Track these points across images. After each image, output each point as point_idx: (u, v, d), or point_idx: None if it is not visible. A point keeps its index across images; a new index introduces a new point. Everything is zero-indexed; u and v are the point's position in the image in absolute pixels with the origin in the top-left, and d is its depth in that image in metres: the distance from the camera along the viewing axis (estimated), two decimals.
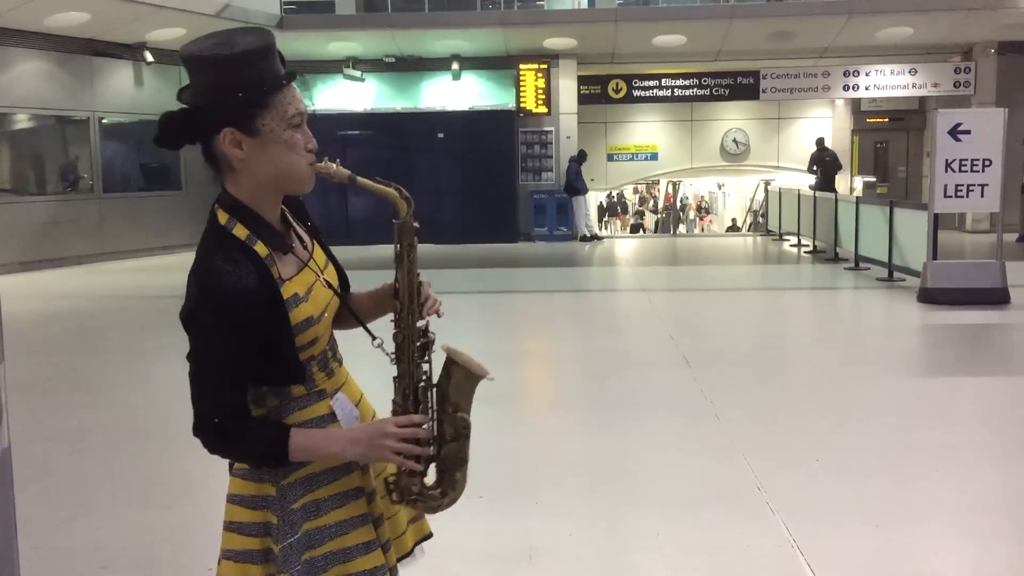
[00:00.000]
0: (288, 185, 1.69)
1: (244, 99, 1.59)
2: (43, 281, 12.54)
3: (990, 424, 5.38)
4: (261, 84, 1.60)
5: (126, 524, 3.98)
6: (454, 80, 17.66)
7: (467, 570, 3.43)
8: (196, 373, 1.63)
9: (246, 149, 1.62)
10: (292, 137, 1.64)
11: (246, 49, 1.59)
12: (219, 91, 1.59)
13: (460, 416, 1.77)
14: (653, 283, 11.99)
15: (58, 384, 6.70)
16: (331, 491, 1.73)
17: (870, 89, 18.21)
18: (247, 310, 1.59)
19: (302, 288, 1.70)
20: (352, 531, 1.73)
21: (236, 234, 1.64)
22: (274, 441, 1.64)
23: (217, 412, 1.61)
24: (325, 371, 1.78)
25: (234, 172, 1.66)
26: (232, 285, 1.58)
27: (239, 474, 1.74)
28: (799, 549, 3.56)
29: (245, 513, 1.71)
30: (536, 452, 5.07)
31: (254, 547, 1.71)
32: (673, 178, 23.78)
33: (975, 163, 9.42)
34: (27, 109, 14.51)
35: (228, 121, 1.60)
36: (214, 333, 1.59)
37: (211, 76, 1.60)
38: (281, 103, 1.62)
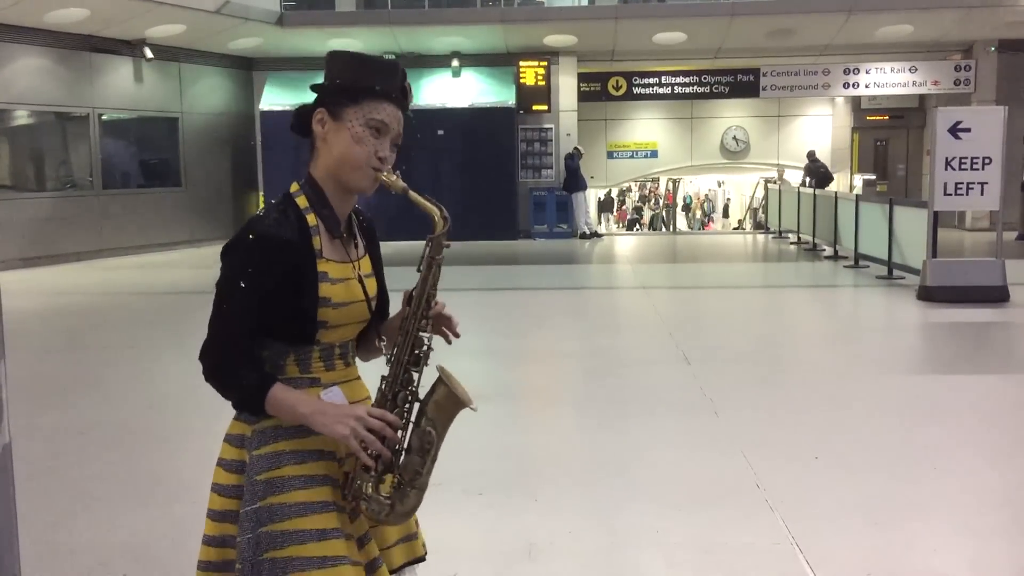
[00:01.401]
0: (346, 173, 1.84)
1: (340, 86, 1.83)
2: (43, 277, 12.54)
3: (989, 422, 5.38)
4: (359, 81, 1.82)
5: (125, 521, 3.98)
6: (454, 77, 17.66)
7: (467, 566, 3.43)
8: (217, 303, 1.77)
9: (327, 129, 1.84)
10: (363, 132, 1.82)
11: (369, 58, 1.87)
12: (329, 79, 1.86)
13: (428, 430, 1.81)
14: (653, 280, 11.99)
15: (57, 380, 6.70)
16: (296, 472, 1.78)
17: (870, 87, 18.22)
18: (281, 257, 1.75)
19: (334, 272, 1.83)
20: (310, 515, 1.76)
21: (298, 202, 1.84)
22: (258, 385, 1.75)
23: (225, 340, 1.75)
24: (325, 362, 1.85)
25: (316, 152, 1.87)
26: (275, 229, 1.76)
27: (227, 439, 1.85)
28: (798, 546, 3.57)
29: (226, 476, 1.83)
30: (535, 449, 5.07)
31: (231, 508, 1.81)
32: (673, 176, 23.78)
33: (975, 161, 9.42)
34: (27, 105, 14.51)
35: (323, 103, 1.84)
36: (243, 270, 1.74)
37: (331, 67, 1.87)
38: (369, 105, 1.82)
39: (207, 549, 1.83)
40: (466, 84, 17.70)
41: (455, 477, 4.14)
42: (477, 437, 4.85)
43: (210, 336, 1.76)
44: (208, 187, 17.06)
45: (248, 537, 1.74)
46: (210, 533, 1.83)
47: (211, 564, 1.82)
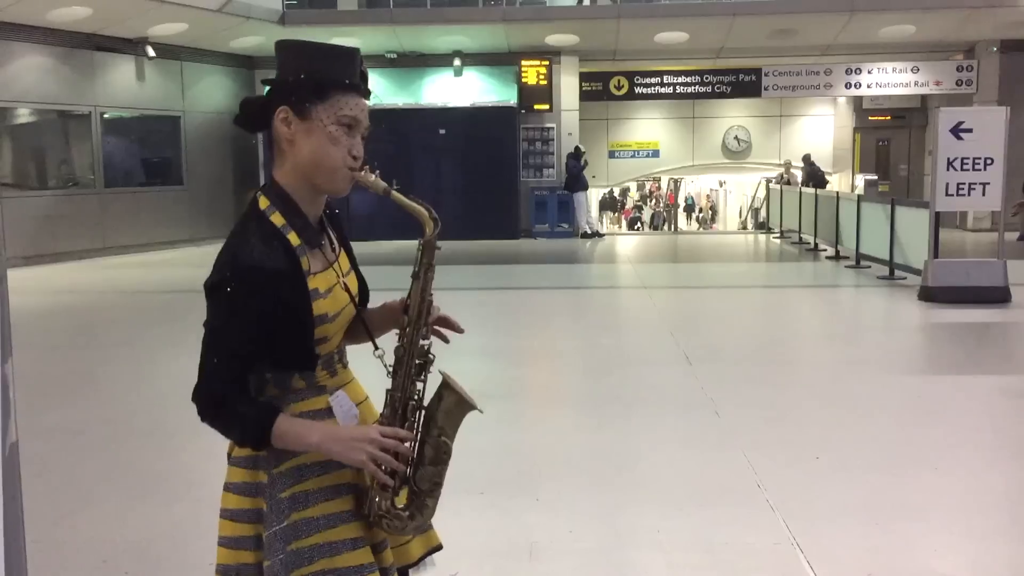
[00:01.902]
0: (322, 177, 1.74)
1: (304, 81, 1.70)
2: (45, 276, 12.55)
3: (990, 423, 5.38)
4: (324, 74, 1.71)
5: (127, 519, 3.98)
6: (456, 76, 17.66)
7: (468, 566, 3.44)
8: (209, 341, 1.69)
9: (293, 129, 1.72)
10: (336, 132, 1.71)
11: (323, 45, 1.74)
12: (288, 72, 1.73)
13: (443, 440, 1.78)
14: (654, 280, 11.99)
15: (59, 379, 6.71)
16: (320, 484, 1.74)
17: (872, 87, 18.20)
18: (272, 288, 1.66)
19: (323, 285, 1.76)
20: (340, 525, 1.73)
21: (273, 220, 1.72)
22: (260, 420, 1.67)
23: (219, 382, 1.66)
24: (328, 370, 1.80)
25: (282, 154, 1.75)
26: (262, 262, 1.65)
27: (235, 462, 1.78)
28: (799, 546, 3.57)
29: (238, 500, 1.76)
30: (536, 448, 5.07)
31: (247, 534, 1.75)
32: (675, 175, 23.78)
33: (977, 161, 9.41)
34: (29, 104, 14.52)
35: (286, 100, 1.72)
36: (235, 305, 1.65)
37: (287, 58, 1.75)
38: (337, 101, 1.71)
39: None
40: (468, 83, 17.70)
41: (456, 476, 4.11)
42: (478, 436, 4.85)
43: (204, 377, 1.67)
44: (210, 186, 17.06)
45: (279, 558, 1.69)
46: (225, 562, 1.77)
47: None
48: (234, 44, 16.71)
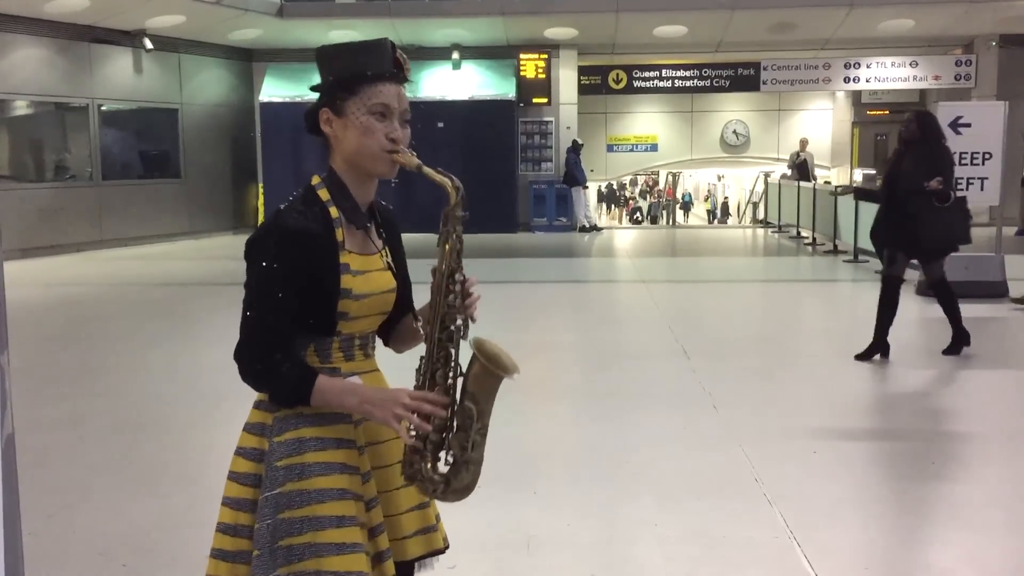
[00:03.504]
0: (364, 164, 1.86)
1: (334, 83, 1.85)
2: (42, 268, 12.53)
3: (988, 416, 5.39)
4: (350, 72, 1.84)
5: (125, 511, 3.98)
6: (454, 69, 17.62)
7: (466, 559, 3.43)
8: (247, 301, 1.79)
9: (334, 128, 1.86)
10: (369, 122, 1.83)
11: (348, 45, 1.88)
12: (324, 76, 1.89)
13: (468, 406, 1.81)
14: (652, 274, 12.00)
15: (56, 372, 6.70)
16: (317, 458, 1.79)
17: (871, 81, 18.19)
18: (304, 249, 1.77)
19: (355, 264, 1.85)
20: (329, 502, 1.77)
21: (319, 194, 1.86)
22: (301, 378, 1.76)
23: (259, 339, 1.76)
24: (345, 352, 1.87)
25: (332, 149, 1.89)
26: (297, 224, 1.78)
27: (247, 428, 1.86)
28: (796, 540, 3.57)
29: (246, 464, 1.84)
30: (535, 442, 5.08)
31: (247, 496, 1.82)
32: (673, 169, 23.78)
33: (975, 156, 9.41)
34: (26, 96, 14.48)
35: (325, 103, 1.87)
36: (272, 262, 1.76)
37: (321, 64, 1.89)
38: (366, 92, 1.83)
39: (221, 537, 1.83)
40: (466, 76, 17.66)
41: None
42: None
43: (246, 335, 1.77)
44: (207, 179, 17.03)
45: (267, 523, 1.75)
46: (225, 521, 1.83)
47: (225, 553, 1.82)
48: (232, 37, 16.67)
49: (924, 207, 6.30)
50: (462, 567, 3.36)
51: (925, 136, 6.49)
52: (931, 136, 6.52)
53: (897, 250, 6.58)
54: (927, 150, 6.45)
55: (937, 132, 6.60)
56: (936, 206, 6.30)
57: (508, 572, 3.43)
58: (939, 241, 6.52)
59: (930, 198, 6.28)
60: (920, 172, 6.35)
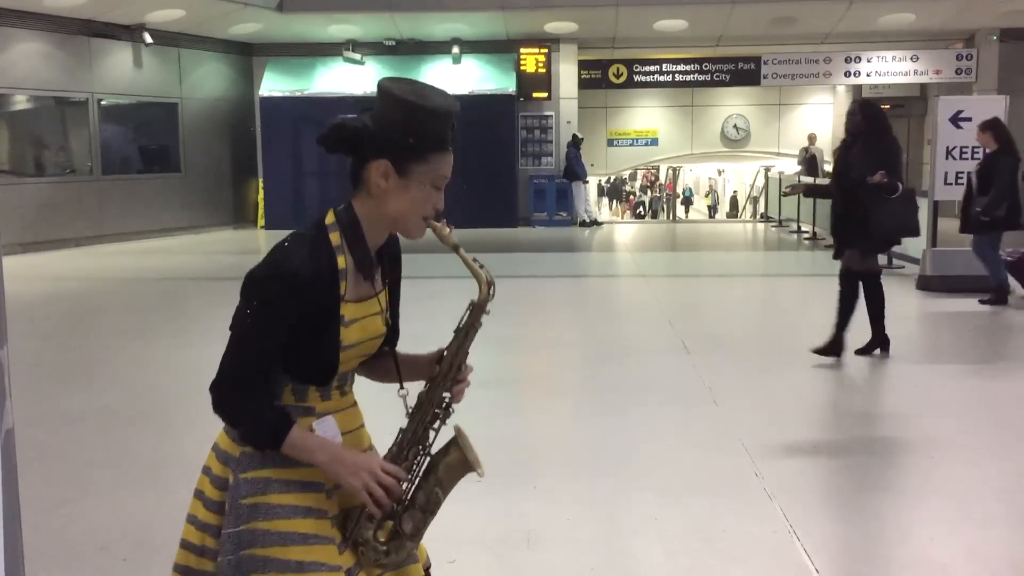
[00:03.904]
0: (400, 228, 1.82)
1: (413, 145, 1.74)
2: (42, 263, 12.53)
3: (987, 412, 5.39)
4: (431, 140, 1.77)
5: (125, 506, 3.98)
6: (454, 64, 17.59)
7: (466, 554, 3.44)
8: (236, 336, 1.73)
9: (390, 184, 1.76)
10: (429, 196, 1.78)
11: (435, 107, 1.77)
12: (396, 127, 1.74)
13: (437, 491, 1.83)
14: (652, 269, 11.99)
15: (57, 366, 6.70)
16: (282, 500, 1.75)
17: (871, 75, 18.16)
18: (308, 299, 1.70)
19: (350, 314, 1.78)
20: (292, 546, 1.73)
21: (331, 238, 1.77)
22: (276, 425, 1.72)
23: (241, 378, 1.71)
24: (322, 393, 1.82)
25: (368, 195, 1.79)
26: (303, 270, 1.70)
27: (216, 451, 1.82)
28: (796, 535, 3.58)
29: (211, 488, 1.81)
30: (535, 437, 5.08)
31: (212, 522, 1.79)
32: (673, 164, 23.76)
33: (976, 151, 9.40)
34: (26, 90, 14.46)
35: (389, 155, 1.75)
36: (271, 303, 1.70)
37: (395, 111, 1.75)
38: (437, 163, 1.78)
39: (187, 554, 1.82)
40: (466, 71, 17.63)
41: None
42: (476, 424, 4.84)
43: (227, 368, 1.71)
44: (207, 173, 17.01)
45: (229, 559, 1.73)
46: (191, 540, 1.82)
47: (189, 571, 1.81)
48: (232, 31, 16.64)
49: (872, 199, 6.16)
50: (462, 561, 3.37)
51: (870, 127, 6.36)
52: (876, 127, 6.39)
53: (848, 242, 6.44)
54: (873, 142, 6.31)
55: (882, 123, 6.47)
56: (885, 198, 6.17)
57: (508, 567, 3.43)
58: (889, 232, 6.40)
59: (878, 190, 6.15)
60: (866, 164, 6.22)
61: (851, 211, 6.28)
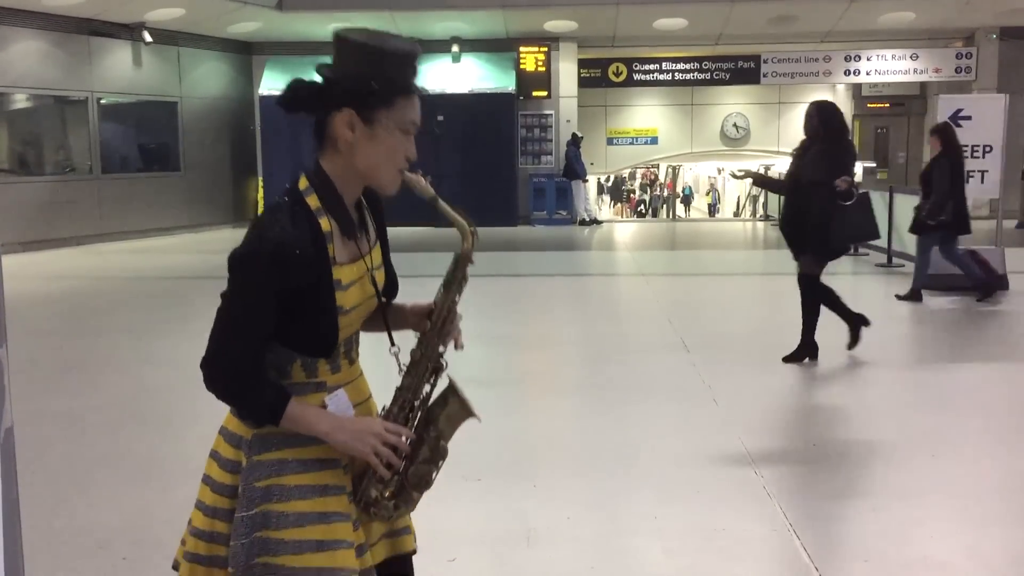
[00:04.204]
0: (375, 179, 1.76)
1: (377, 90, 1.68)
2: (41, 261, 12.53)
3: (987, 410, 5.39)
4: (395, 84, 1.70)
5: (124, 504, 3.99)
6: (454, 62, 17.59)
7: (466, 552, 3.44)
8: (225, 313, 1.68)
9: (356, 134, 1.70)
10: (399, 144, 1.72)
11: (395, 50, 1.69)
12: (354, 75, 1.68)
13: (443, 445, 1.84)
14: (652, 268, 12.00)
15: (56, 364, 6.70)
16: (298, 481, 1.73)
17: (871, 74, 18.16)
18: (295, 269, 1.65)
19: (346, 277, 1.75)
20: (309, 526, 1.71)
21: (308, 202, 1.71)
22: (273, 400, 1.68)
23: (233, 354, 1.67)
24: (331, 365, 1.79)
25: (335, 151, 1.73)
26: (288, 240, 1.64)
27: (224, 434, 1.79)
28: (795, 533, 3.58)
29: (220, 472, 1.78)
30: (534, 435, 5.08)
31: (223, 506, 1.76)
32: (673, 162, 23.76)
33: (976, 149, 9.41)
34: (25, 89, 14.45)
35: (353, 103, 1.69)
36: (256, 280, 1.65)
37: (352, 59, 1.69)
38: (403, 107, 1.71)
39: (196, 542, 1.79)
40: (466, 69, 17.63)
41: (454, 463, 4.12)
42: (476, 423, 4.86)
43: (217, 347, 1.67)
44: (207, 172, 17.01)
45: (243, 542, 1.69)
46: (199, 527, 1.78)
47: (199, 557, 1.78)
48: (231, 29, 16.63)
49: (828, 204, 5.96)
50: (462, 560, 3.37)
51: (827, 130, 6.17)
52: (833, 130, 6.19)
53: (803, 248, 6.25)
54: (829, 145, 6.12)
55: (839, 125, 6.29)
56: (841, 204, 5.98)
57: (508, 565, 3.43)
58: (847, 238, 6.25)
59: (833, 195, 5.95)
60: (822, 167, 6.02)
61: (805, 216, 6.08)
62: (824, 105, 6.42)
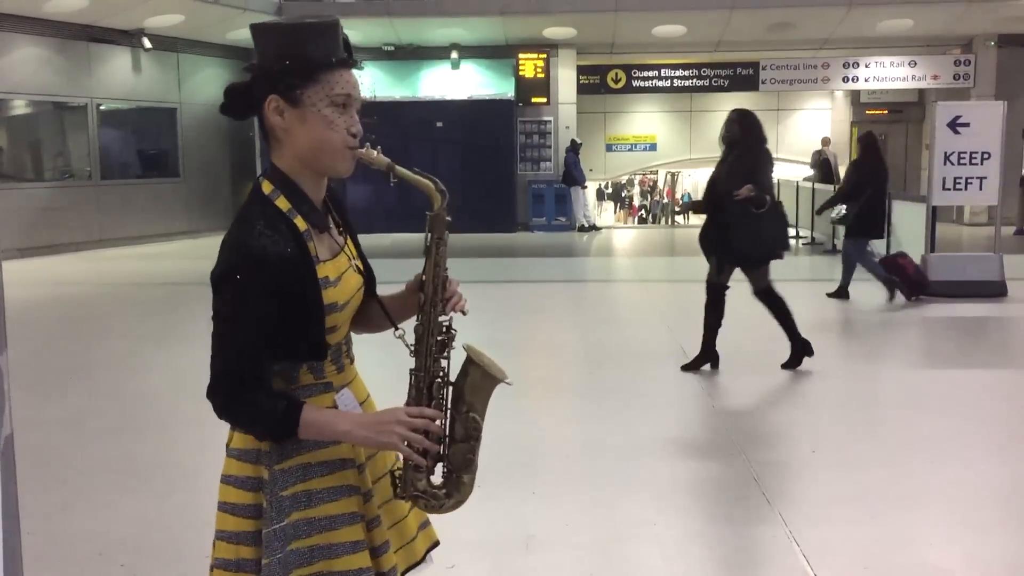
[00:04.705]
0: (323, 162, 1.69)
1: (289, 67, 1.63)
2: (40, 267, 12.52)
3: (987, 416, 5.39)
4: (308, 57, 1.64)
5: (123, 511, 3.98)
6: (453, 69, 17.61)
7: (465, 559, 3.44)
8: (220, 334, 1.62)
9: (287, 118, 1.66)
10: (331, 114, 1.66)
11: (300, 23, 1.65)
12: (270, 58, 1.65)
13: (472, 416, 1.74)
14: (651, 274, 11.99)
15: (55, 371, 6.69)
16: (324, 484, 1.69)
17: (870, 81, 18.19)
18: (282, 276, 1.61)
19: (333, 272, 1.71)
20: (341, 528, 1.69)
21: (278, 205, 1.67)
22: (286, 413, 1.62)
23: (235, 375, 1.60)
24: (336, 364, 1.76)
25: (278, 143, 1.70)
26: (271, 249, 1.60)
27: (234, 455, 1.72)
28: (795, 539, 3.57)
29: (238, 494, 1.71)
30: (534, 441, 5.07)
31: (247, 529, 1.70)
32: (672, 169, 23.79)
33: (974, 156, 9.41)
34: (25, 95, 14.46)
35: (274, 88, 1.65)
36: (245, 295, 1.59)
37: (266, 44, 1.67)
38: (328, 80, 1.65)
39: (222, 573, 1.71)
40: (465, 76, 17.66)
41: None
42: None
43: (219, 371, 1.60)
44: (206, 178, 17.01)
45: (278, 557, 1.65)
46: (224, 556, 1.71)
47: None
48: (231, 36, 16.65)
49: (740, 213, 5.88)
50: (461, 566, 3.36)
51: (746, 137, 6.06)
52: (751, 138, 6.08)
53: (719, 257, 6.22)
54: (745, 152, 6.02)
55: (758, 133, 6.14)
56: (754, 212, 5.86)
57: (507, 571, 3.43)
58: (756, 248, 6.08)
59: (746, 204, 5.85)
60: (737, 176, 5.93)
61: (722, 226, 6.03)
62: (745, 113, 6.29)
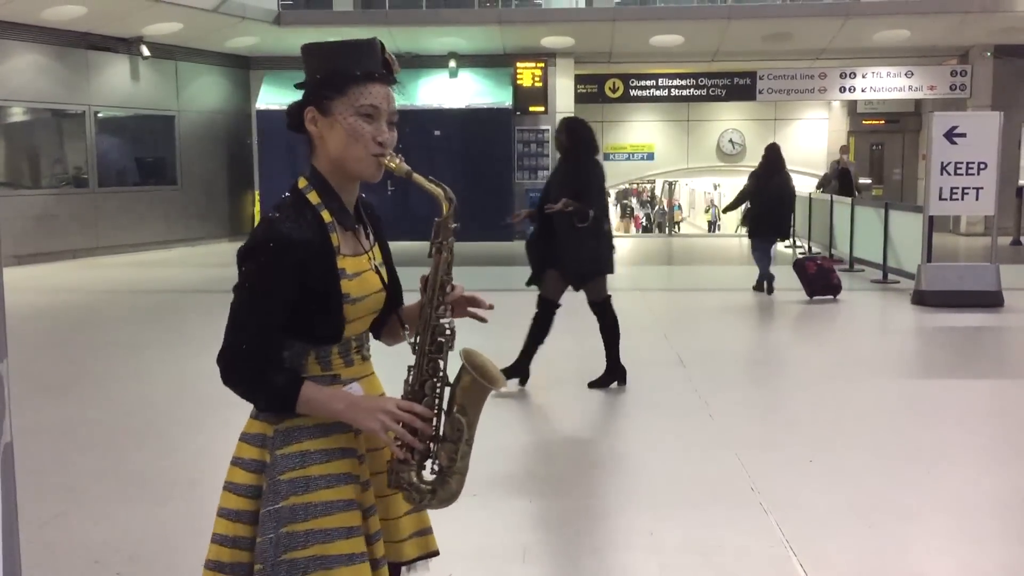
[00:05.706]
0: (350, 166, 1.83)
1: (321, 81, 1.80)
2: (38, 275, 12.51)
3: (983, 426, 5.39)
4: (337, 71, 1.80)
5: (119, 519, 3.97)
6: (451, 78, 17.65)
7: (461, 569, 3.43)
8: (238, 305, 1.75)
9: (320, 127, 1.82)
10: (356, 123, 1.79)
11: (344, 43, 1.83)
12: (310, 74, 1.84)
13: (457, 417, 1.81)
14: (648, 282, 12.00)
15: (51, 378, 6.68)
16: (322, 470, 1.78)
17: (866, 91, 18.24)
18: (303, 259, 1.74)
19: (351, 268, 1.83)
20: (336, 513, 1.76)
21: (309, 198, 1.82)
22: (287, 387, 1.74)
23: (247, 346, 1.72)
24: (344, 358, 1.86)
25: (316, 149, 1.86)
26: (295, 233, 1.74)
27: (246, 439, 1.83)
28: (792, 549, 3.57)
29: (244, 475, 1.81)
30: (530, 450, 5.07)
31: (246, 508, 1.79)
32: (669, 178, 23.83)
33: (970, 166, 9.44)
34: (23, 102, 14.47)
35: (310, 101, 1.83)
36: (266, 271, 1.73)
37: (308, 62, 1.85)
38: (355, 94, 1.79)
39: (219, 548, 1.80)
40: (463, 85, 17.69)
41: None
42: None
43: (231, 341, 1.74)
44: (204, 186, 17.02)
45: (270, 537, 1.74)
46: (222, 532, 1.81)
47: (222, 565, 1.80)
48: (229, 44, 16.68)
49: (565, 226, 5.69)
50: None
51: (573, 147, 5.86)
52: (580, 148, 5.88)
53: (545, 270, 6.00)
54: (573, 165, 5.84)
55: (587, 144, 5.93)
56: (577, 226, 5.66)
57: None
58: (579, 264, 5.85)
59: (571, 218, 5.64)
60: (565, 186, 5.73)
61: (547, 237, 5.86)
62: (572, 123, 6.07)
